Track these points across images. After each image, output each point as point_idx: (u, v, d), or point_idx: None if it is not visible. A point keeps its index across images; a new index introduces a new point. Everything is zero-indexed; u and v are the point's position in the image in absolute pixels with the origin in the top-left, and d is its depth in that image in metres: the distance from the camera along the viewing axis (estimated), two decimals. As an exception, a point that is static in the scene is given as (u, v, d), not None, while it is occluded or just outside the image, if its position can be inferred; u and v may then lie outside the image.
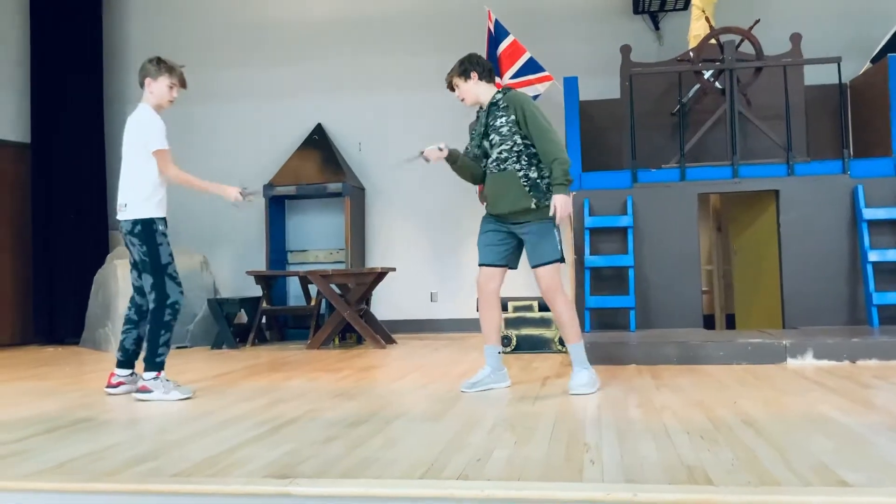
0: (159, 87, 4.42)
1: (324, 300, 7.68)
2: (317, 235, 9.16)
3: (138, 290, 4.53)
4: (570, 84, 6.93)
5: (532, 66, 7.73)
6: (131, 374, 4.58)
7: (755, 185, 6.50)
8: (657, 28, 8.49)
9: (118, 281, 7.59)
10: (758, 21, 6.90)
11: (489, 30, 7.85)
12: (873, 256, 6.11)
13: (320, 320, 7.72)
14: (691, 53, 6.91)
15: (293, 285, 8.95)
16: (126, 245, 4.49)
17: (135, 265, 4.49)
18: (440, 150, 4.36)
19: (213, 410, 3.89)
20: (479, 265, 4.38)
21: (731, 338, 5.58)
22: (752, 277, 7.05)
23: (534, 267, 4.25)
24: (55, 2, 8.88)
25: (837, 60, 6.53)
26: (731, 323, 7.56)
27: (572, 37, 8.56)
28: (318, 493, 2.33)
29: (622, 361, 5.33)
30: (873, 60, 7.39)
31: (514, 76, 7.74)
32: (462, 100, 4.40)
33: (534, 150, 4.23)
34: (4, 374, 5.93)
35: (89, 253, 8.71)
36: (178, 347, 7.54)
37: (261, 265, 8.78)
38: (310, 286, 8.19)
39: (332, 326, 7.33)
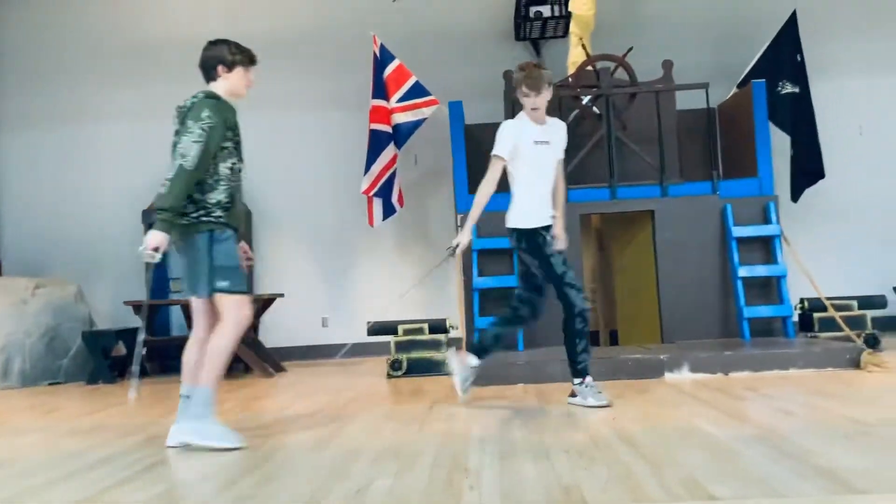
0: None
1: (208, 329, 7.40)
2: (201, 262, 8.85)
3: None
4: (456, 108, 7.02)
5: (418, 91, 7.77)
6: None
7: (632, 205, 6.75)
8: (539, 54, 8.70)
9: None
10: (631, 49, 7.17)
11: (375, 54, 7.85)
12: (742, 272, 6.42)
13: (205, 350, 7.45)
14: (570, 79, 7.12)
15: (176, 315, 8.61)
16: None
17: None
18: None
19: (81, 451, 3.68)
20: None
21: (613, 354, 5.74)
22: (633, 294, 7.26)
23: None
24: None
25: (705, 86, 6.91)
26: (614, 339, 7.77)
27: (457, 62, 8.66)
28: (187, 537, 2.23)
29: (510, 381, 5.37)
30: (739, 85, 7.80)
31: (401, 100, 7.76)
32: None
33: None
34: None
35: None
36: (50, 384, 7.12)
37: (141, 294, 8.41)
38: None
39: (217, 356, 7.08)
